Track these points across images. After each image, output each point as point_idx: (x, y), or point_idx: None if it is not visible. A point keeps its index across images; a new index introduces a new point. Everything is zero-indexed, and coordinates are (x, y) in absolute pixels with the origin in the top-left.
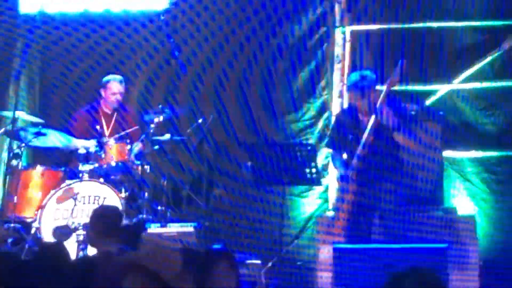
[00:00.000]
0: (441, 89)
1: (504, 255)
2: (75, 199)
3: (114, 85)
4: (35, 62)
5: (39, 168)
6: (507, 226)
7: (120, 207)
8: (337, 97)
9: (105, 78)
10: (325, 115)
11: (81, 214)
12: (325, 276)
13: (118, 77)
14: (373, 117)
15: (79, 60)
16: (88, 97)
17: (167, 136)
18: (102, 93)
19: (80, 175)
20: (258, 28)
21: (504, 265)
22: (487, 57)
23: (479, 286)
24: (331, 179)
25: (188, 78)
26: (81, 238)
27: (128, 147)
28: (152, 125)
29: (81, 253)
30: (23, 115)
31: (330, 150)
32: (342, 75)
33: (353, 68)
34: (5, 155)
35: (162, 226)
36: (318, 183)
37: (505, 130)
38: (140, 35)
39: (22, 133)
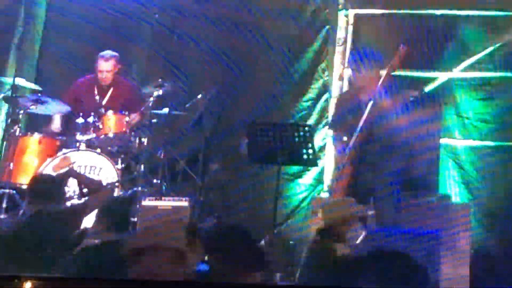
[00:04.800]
0: (441, 77)
1: (496, 244)
2: None
3: (99, 63)
4: (37, 32)
5: (37, 136)
6: (499, 216)
7: (116, 179)
8: (338, 80)
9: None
10: (325, 97)
11: (76, 184)
12: None
13: (107, 53)
14: (371, 102)
15: (80, 31)
16: (87, 69)
17: (165, 110)
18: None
19: (77, 144)
20: (261, 7)
21: (495, 254)
22: (488, 47)
23: (470, 274)
24: (327, 161)
25: (188, 53)
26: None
27: (127, 119)
28: (151, 99)
29: None
30: (23, 82)
31: (331, 132)
32: (343, 58)
33: (354, 51)
34: (3, 121)
35: (156, 199)
36: (314, 164)
37: (501, 120)
38: (142, 8)
39: (21, 100)
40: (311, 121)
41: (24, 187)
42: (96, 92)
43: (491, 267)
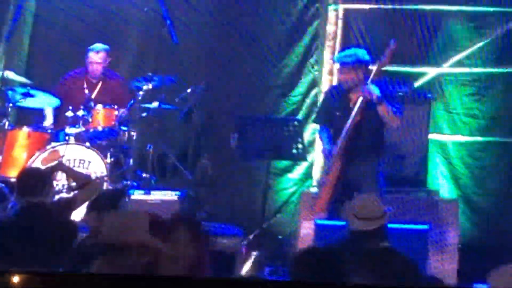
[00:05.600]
0: (430, 72)
1: (483, 239)
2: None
3: (90, 56)
4: (26, 24)
5: (26, 129)
6: (487, 211)
7: (105, 172)
8: (327, 75)
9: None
10: (314, 91)
11: (65, 177)
12: None
13: (97, 46)
14: (360, 98)
15: (70, 24)
16: (76, 62)
17: (155, 104)
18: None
19: (67, 138)
20: (252, 2)
21: (483, 249)
22: (477, 43)
23: (458, 269)
24: (317, 156)
25: (178, 47)
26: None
27: (116, 112)
28: (141, 92)
29: None
30: (12, 75)
31: (317, 126)
32: (333, 52)
33: (344, 46)
34: None
35: (145, 194)
36: (304, 159)
37: (490, 116)
38: (132, 1)
39: (10, 93)
40: (300, 116)
41: (13, 180)
42: (85, 85)
43: (478, 263)
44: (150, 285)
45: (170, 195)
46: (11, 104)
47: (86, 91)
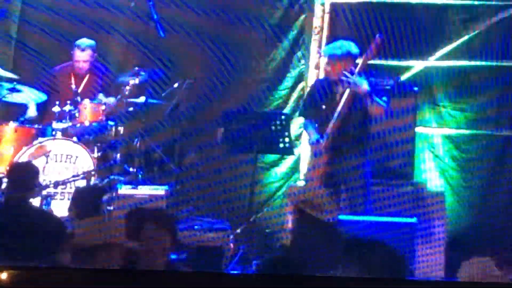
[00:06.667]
0: (417, 66)
1: (470, 232)
2: (47, 157)
3: (76, 53)
4: (13, 19)
5: (12, 124)
6: (473, 204)
7: (92, 167)
8: (314, 69)
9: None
10: (301, 85)
11: (52, 172)
12: None
13: (83, 43)
14: (348, 89)
15: (57, 18)
16: (63, 57)
17: (142, 98)
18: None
19: (54, 133)
20: None
21: (470, 241)
22: (464, 36)
23: (445, 261)
24: (303, 149)
25: (165, 42)
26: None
27: (103, 107)
28: (128, 87)
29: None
30: None
31: (303, 119)
32: (320, 46)
33: (331, 40)
34: None
35: (133, 188)
36: (291, 152)
37: (477, 109)
38: None
39: None
40: (287, 110)
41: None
42: (72, 80)
43: (465, 255)
44: (137, 279)
45: (158, 190)
46: None
47: (73, 86)
